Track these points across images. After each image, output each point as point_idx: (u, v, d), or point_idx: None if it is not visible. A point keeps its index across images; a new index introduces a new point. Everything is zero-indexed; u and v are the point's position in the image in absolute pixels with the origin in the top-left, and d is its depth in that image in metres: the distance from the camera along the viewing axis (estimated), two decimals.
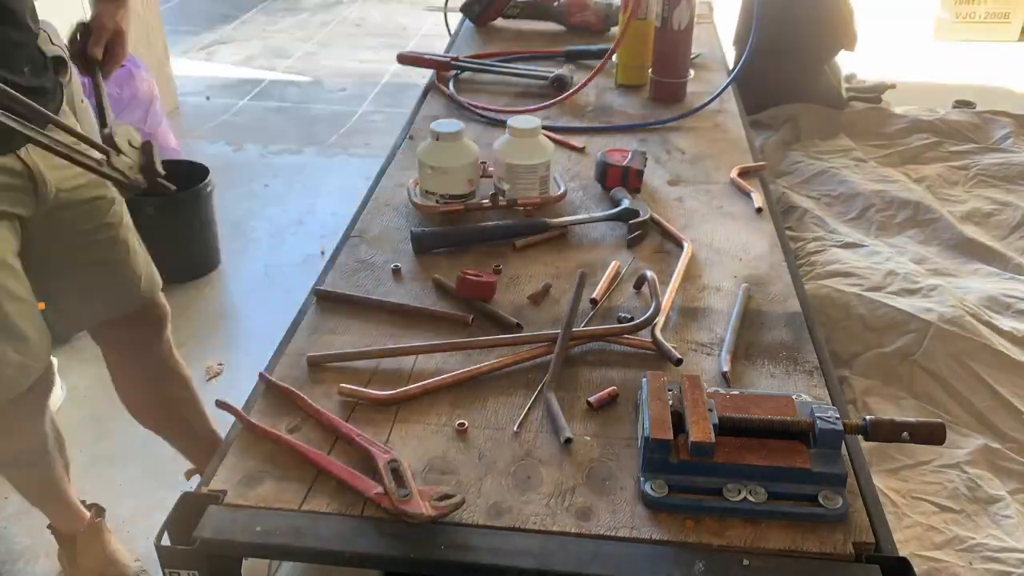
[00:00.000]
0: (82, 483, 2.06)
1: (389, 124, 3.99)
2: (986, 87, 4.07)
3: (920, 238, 2.17)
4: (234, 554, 0.83)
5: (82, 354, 2.56)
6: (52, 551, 1.84)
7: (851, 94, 3.05)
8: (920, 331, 1.73)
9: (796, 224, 2.25)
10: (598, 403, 0.96)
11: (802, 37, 2.80)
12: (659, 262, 1.26)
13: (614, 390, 0.98)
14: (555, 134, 1.60)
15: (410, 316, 1.12)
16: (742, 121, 1.75)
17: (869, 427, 0.86)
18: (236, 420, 0.95)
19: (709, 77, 1.98)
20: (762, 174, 1.53)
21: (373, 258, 1.27)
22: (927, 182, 2.43)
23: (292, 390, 0.98)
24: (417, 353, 1.05)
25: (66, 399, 2.36)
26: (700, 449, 0.83)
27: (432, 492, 0.82)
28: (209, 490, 0.86)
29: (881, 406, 1.65)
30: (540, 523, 0.82)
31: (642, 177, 1.44)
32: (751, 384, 1.01)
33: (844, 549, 0.79)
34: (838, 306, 1.83)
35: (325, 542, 0.80)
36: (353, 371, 1.03)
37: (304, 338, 1.09)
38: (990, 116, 2.75)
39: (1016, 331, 1.75)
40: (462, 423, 0.94)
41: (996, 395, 1.64)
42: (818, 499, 0.82)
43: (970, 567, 1.35)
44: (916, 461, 1.54)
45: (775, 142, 2.68)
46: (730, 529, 0.81)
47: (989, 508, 1.45)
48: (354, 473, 0.86)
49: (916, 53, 4.69)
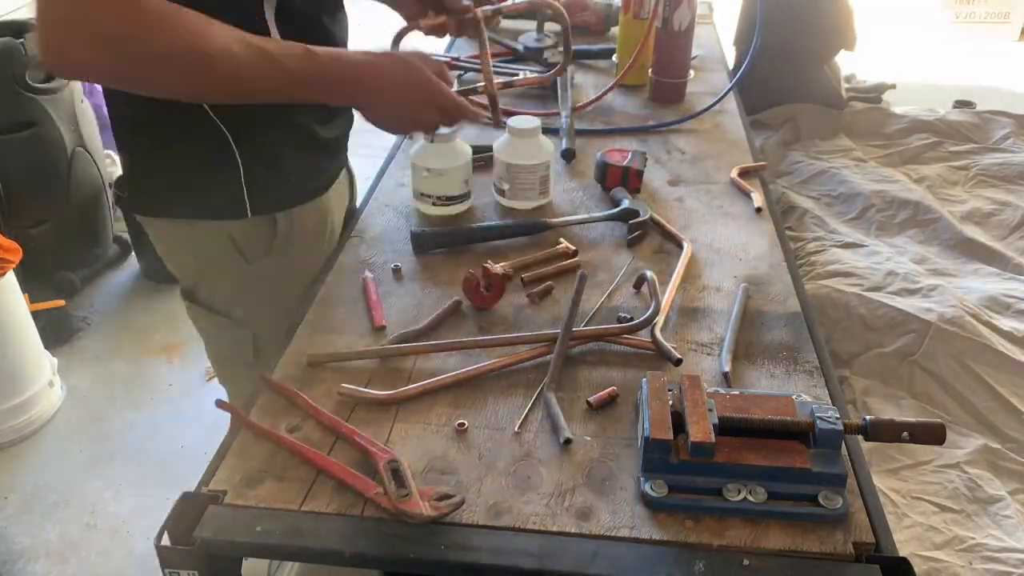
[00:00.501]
0: (82, 483, 2.06)
1: None
2: (986, 87, 4.07)
3: (920, 238, 2.17)
4: (234, 554, 0.83)
5: (82, 354, 2.56)
6: (52, 551, 1.85)
7: (851, 94, 3.05)
8: (920, 331, 1.72)
9: (796, 224, 2.25)
10: (598, 403, 0.96)
11: (802, 37, 2.80)
12: (659, 262, 1.26)
13: (614, 390, 0.98)
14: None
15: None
16: (742, 121, 1.76)
17: (869, 427, 0.86)
18: (236, 420, 0.95)
19: (709, 77, 1.98)
20: (762, 174, 1.53)
21: (373, 258, 1.27)
22: (927, 182, 2.43)
23: (292, 390, 0.98)
24: (417, 353, 1.05)
25: (66, 399, 2.36)
26: (700, 449, 0.83)
27: (432, 492, 0.82)
28: (209, 490, 0.86)
29: (881, 406, 1.65)
30: (540, 523, 0.82)
31: (642, 177, 1.44)
32: (751, 384, 1.01)
33: (844, 549, 0.79)
34: (838, 306, 1.83)
35: (325, 542, 0.80)
36: (353, 371, 1.03)
37: (305, 337, 1.09)
38: (990, 116, 2.74)
39: (1016, 331, 1.75)
40: (462, 423, 0.94)
41: (996, 395, 1.64)
42: (818, 499, 0.82)
43: (970, 567, 1.35)
44: (916, 461, 1.54)
45: (775, 142, 2.68)
46: (730, 529, 0.81)
47: (989, 508, 1.45)
48: (353, 473, 0.86)
49: (916, 53, 4.69)
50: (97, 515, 1.99)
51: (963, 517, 1.44)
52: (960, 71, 4.44)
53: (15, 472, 2.12)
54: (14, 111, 2.55)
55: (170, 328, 2.65)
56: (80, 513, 1.99)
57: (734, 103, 1.84)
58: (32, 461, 2.16)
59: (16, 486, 2.07)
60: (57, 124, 2.63)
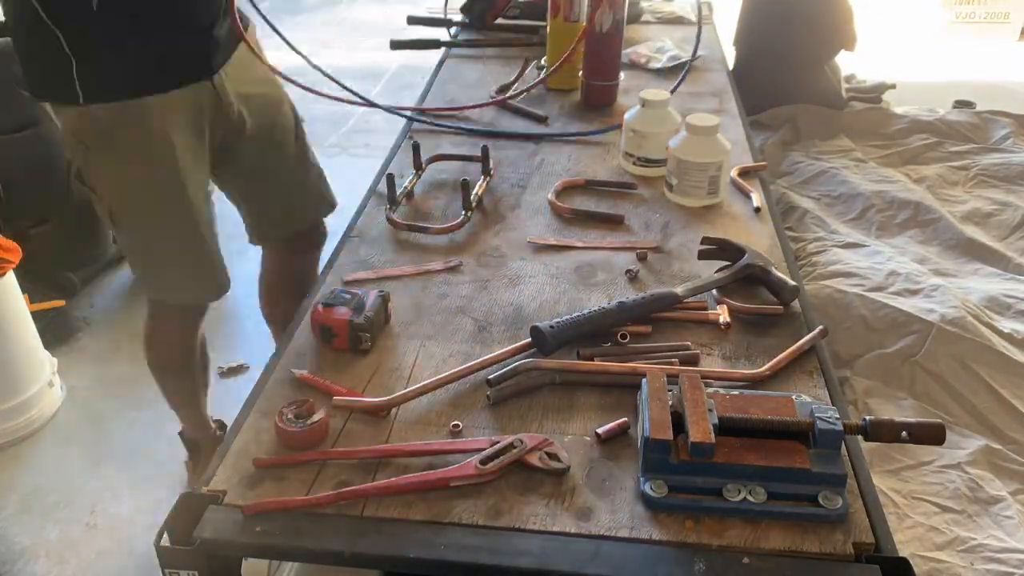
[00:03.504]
0: (82, 483, 2.06)
1: (389, 124, 3.97)
2: (986, 87, 4.06)
3: (920, 238, 2.17)
4: (234, 554, 0.83)
5: (82, 354, 2.56)
6: (52, 551, 1.84)
7: (851, 94, 3.05)
8: (922, 332, 1.72)
9: (796, 224, 2.25)
10: (607, 434, 0.92)
11: (802, 37, 2.80)
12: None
13: (625, 422, 0.93)
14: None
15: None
16: (742, 121, 1.75)
17: (868, 427, 0.86)
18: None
19: (709, 78, 1.98)
20: (762, 174, 1.53)
21: (373, 258, 1.27)
22: (927, 182, 2.43)
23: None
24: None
25: (66, 399, 2.36)
26: (700, 449, 0.83)
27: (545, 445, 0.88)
28: (209, 490, 0.85)
29: (882, 407, 1.65)
30: (540, 523, 0.82)
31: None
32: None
33: (844, 549, 0.79)
34: (840, 307, 1.83)
35: (325, 542, 0.80)
36: (351, 372, 1.03)
37: (303, 338, 1.09)
38: (990, 116, 2.75)
39: (1016, 332, 1.75)
40: (456, 424, 0.94)
41: (997, 396, 1.64)
42: (818, 499, 0.82)
43: (971, 568, 1.35)
44: (917, 462, 1.54)
45: (775, 142, 2.68)
46: (730, 529, 0.81)
47: (990, 509, 1.45)
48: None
49: (916, 53, 4.69)
50: (97, 515, 1.99)
51: (964, 518, 1.43)
52: (960, 71, 4.44)
53: (15, 472, 2.12)
54: (14, 111, 2.55)
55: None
56: (80, 513, 1.99)
57: (734, 103, 1.84)
58: (32, 461, 2.15)
59: (16, 486, 2.07)
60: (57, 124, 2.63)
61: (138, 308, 2.79)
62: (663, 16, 2.49)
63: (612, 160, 1.57)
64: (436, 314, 1.14)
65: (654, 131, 1.46)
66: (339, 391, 0.98)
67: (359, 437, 0.92)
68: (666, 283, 1.19)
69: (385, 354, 1.06)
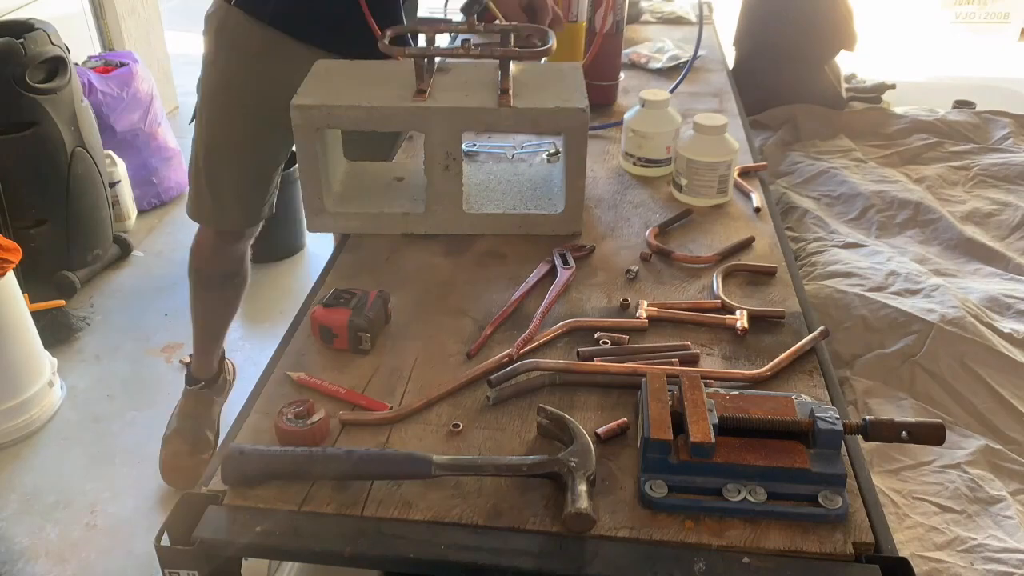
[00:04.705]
0: (82, 483, 2.06)
1: None
2: (986, 87, 4.06)
3: (920, 238, 2.17)
4: (234, 554, 0.83)
5: (82, 354, 2.56)
6: (52, 551, 1.85)
7: (851, 94, 3.05)
8: (922, 332, 1.72)
9: (796, 224, 2.25)
10: (607, 435, 0.92)
11: (802, 37, 2.80)
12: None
13: (624, 422, 0.93)
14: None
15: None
16: (742, 121, 1.75)
17: (868, 427, 0.86)
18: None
19: (709, 78, 1.98)
20: (762, 174, 1.53)
21: (373, 257, 1.27)
22: (927, 182, 2.43)
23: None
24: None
25: (66, 399, 2.36)
26: (700, 449, 0.83)
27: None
28: (209, 490, 0.86)
29: (882, 407, 1.65)
30: (540, 523, 0.82)
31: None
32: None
33: (844, 549, 0.79)
34: (840, 307, 1.83)
35: (325, 542, 0.80)
36: (351, 372, 1.03)
37: (303, 338, 1.09)
38: (990, 116, 2.74)
39: (1016, 333, 1.75)
40: (456, 424, 0.94)
41: (997, 396, 1.64)
42: (818, 499, 0.82)
43: (971, 568, 1.35)
44: (917, 462, 1.54)
45: (775, 142, 2.68)
46: (730, 529, 0.81)
47: (990, 509, 1.45)
48: None
49: (916, 53, 4.69)
50: (97, 515, 1.99)
51: (964, 518, 1.43)
52: (960, 71, 4.44)
53: (15, 472, 2.12)
54: (14, 111, 2.55)
55: (170, 328, 2.65)
56: (80, 513, 1.99)
57: (734, 103, 1.84)
58: (32, 461, 2.16)
59: (16, 486, 2.07)
60: (57, 124, 2.63)
61: (138, 308, 2.80)
62: (663, 16, 2.49)
63: (612, 160, 1.57)
64: (436, 314, 1.14)
65: (654, 131, 1.47)
66: (337, 392, 0.98)
67: (360, 437, 0.93)
68: (666, 283, 1.20)
69: (385, 354, 1.06)
